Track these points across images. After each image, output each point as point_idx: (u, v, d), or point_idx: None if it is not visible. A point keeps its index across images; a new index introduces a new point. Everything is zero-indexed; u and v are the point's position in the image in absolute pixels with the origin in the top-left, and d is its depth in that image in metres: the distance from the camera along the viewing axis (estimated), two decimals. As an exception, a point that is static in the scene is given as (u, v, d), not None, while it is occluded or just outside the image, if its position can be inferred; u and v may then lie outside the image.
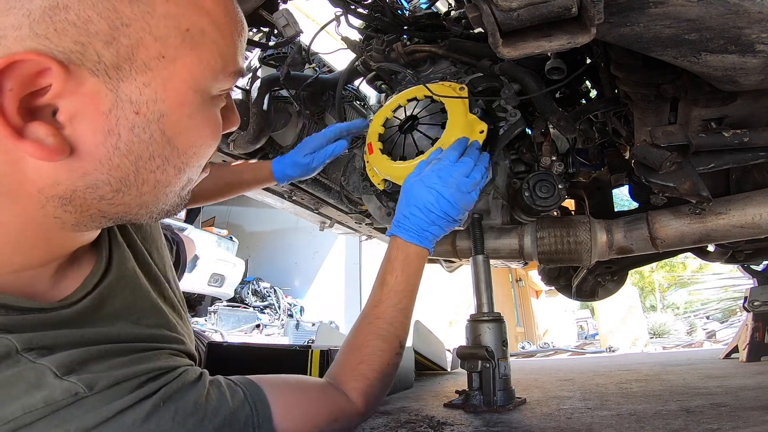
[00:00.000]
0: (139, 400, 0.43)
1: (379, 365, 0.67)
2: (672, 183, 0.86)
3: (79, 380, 0.40)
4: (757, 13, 0.53)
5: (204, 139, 0.47)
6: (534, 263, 1.24)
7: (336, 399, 0.62)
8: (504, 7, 0.52)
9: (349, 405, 0.63)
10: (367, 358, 0.67)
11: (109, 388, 0.42)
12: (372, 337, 0.69)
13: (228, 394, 0.51)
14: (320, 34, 1.37)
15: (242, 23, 0.48)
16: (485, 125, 1.04)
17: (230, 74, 0.47)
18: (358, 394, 0.64)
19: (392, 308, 0.72)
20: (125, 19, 0.38)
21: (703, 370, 1.75)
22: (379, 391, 0.67)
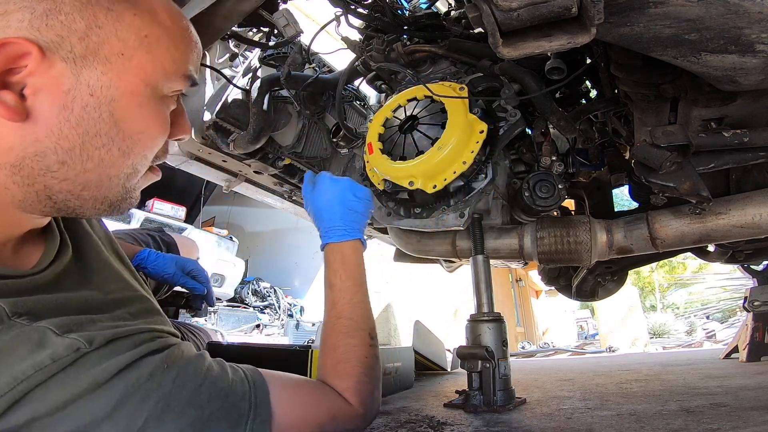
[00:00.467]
0: (141, 357, 0.47)
1: (357, 360, 0.69)
2: (672, 183, 0.86)
3: (80, 336, 0.45)
4: (757, 13, 0.53)
5: (150, 129, 0.53)
6: (534, 263, 1.24)
7: (333, 397, 0.64)
8: (504, 7, 0.52)
9: (346, 405, 0.64)
10: (342, 357, 0.69)
11: (107, 344, 0.46)
12: (340, 337, 0.71)
13: (229, 371, 0.54)
14: (320, 34, 1.37)
15: (196, 42, 0.57)
16: (485, 125, 1.04)
17: (181, 77, 0.55)
18: (350, 394, 0.65)
19: (348, 305, 0.74)
20: (99, 23, 0.48)
21: (703, 370, 1.75)
22: (368, 387, 0.68)
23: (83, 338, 0.45)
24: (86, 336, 0.45)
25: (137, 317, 0.56)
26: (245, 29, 1.47)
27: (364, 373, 0.68)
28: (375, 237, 2.12)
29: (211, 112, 1.37)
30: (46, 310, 0.46)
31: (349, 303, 0.75)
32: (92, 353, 0.45)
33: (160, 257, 1.06)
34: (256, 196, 1.74)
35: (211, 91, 1.41)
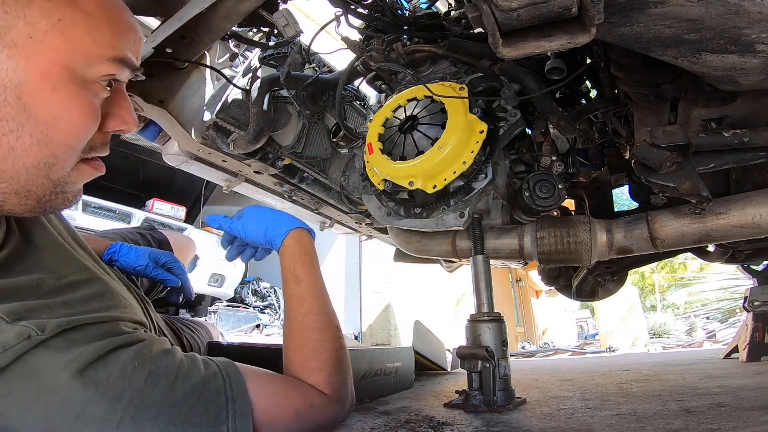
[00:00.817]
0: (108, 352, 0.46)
1: (328, 354, 0.69)
2: (672, 183, 0.86)
3: (30, 323, 0.43)
4: (757, 13, 0.53)
5: (68, 114, 0.50)
6: (534, 263, 1.24)
7: (306, 387, 0.64)
8: (504, 7, 0.52)
9: (320, 394, 0.64)
10: (313, 354, 0.68)
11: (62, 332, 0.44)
12: (311, 333, 0.70)
13: (201, 366, 0.53)
14: (320, 34, 1.37)
15: (131, 26, 0.55)
16: (485, 125, 1.04)
17: (108, 61, 0.52)
18: (323, 387, 0.65)
19: (317, 299, 0.74)
20: (7, 8, 0.47)
21: (703, 370, 1.75)
22: (340, 378, 0.68)
23: (34, 325, 0.43)
24: (38, 323, 0.43)
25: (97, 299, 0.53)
26: (245, 29, 1.47)
27: (335, 365, 0.68)
28: (375, 237, 2.12)
29: (211, 112, 1.37)
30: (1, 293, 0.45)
31: (317, 297, 0.75)
32: (48, 342, 0.43)
33: (132, 250, 1.02)
34: (256, 196, 1.74)
35: (211, 91, 1.41)
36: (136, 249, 1.04)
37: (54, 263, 0.56)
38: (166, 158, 1.43)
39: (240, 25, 1.26)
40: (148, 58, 1.04)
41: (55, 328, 0.44)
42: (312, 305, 0.73)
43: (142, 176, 5.47)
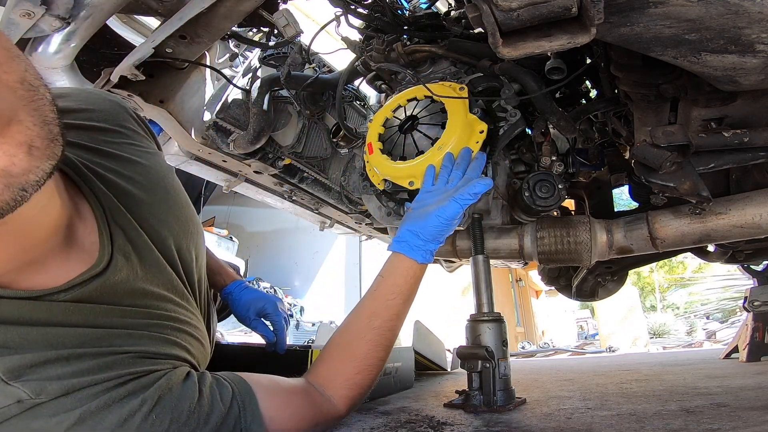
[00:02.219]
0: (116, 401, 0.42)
1: (375, 375, 0.68)
2: (672, 183, 0.86)
3: (23, 386, 0.39)
4: (757, 13, 0.53)
5: None
6: (534, 263, 1.24)
7: (320, 404, 0.62)
8: (504, 7, 0.52)
9: (333, 410, 0.63)
10: (366, 369, 0.67)
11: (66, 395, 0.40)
12: (378, 349, 0.68)
13: (218, 395, 0.51)
14: (320, 34, 1.37)
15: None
16: (485, 125, 1.04)
17: None
18: (346, 402, 0.64)
19: (399, 322, 0.73)
20: None
21: (703, 370, 1.75)
22: (363, 398, 0.68)
23: (28, 388, 0.39)
24: (34, 387, 0.39)
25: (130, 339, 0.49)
26: (245, 29, 1.47)
27: (370, 386, 0.67)
28: (375, 237, 2.12)
29: (211, 112, 1.37)
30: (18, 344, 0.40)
31: (399, 319, 0.73)
32: (44, 405, 0.40)
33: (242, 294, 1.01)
34: (256, 196, 1.74)
35: (211, 91, 1.41)
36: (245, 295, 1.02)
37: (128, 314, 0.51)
38: (167, 158, 1.43)
39: (240, 25, 1.26)
40: (148, 58, 1.04)
41: (57, 392, 0.40)
42: (395, 326, 0.72)
43: (142, 176, 5.45)
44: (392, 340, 0.71)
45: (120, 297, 0.52)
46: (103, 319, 0.49)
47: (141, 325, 0.53)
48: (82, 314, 0.47)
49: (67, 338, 0.44)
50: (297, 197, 1.72)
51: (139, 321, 0.53)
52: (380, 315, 0.72)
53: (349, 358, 0.67)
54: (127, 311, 0.52)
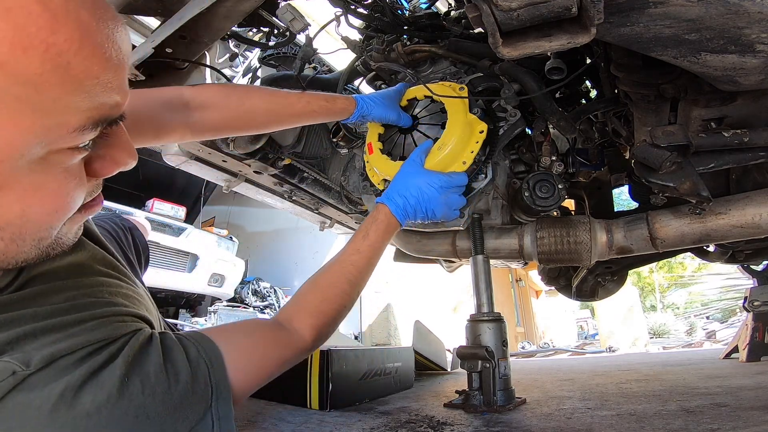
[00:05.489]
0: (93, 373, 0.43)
1: (339, 306, 0.72)
2: (672, 183, 0.86)
3: (12, 359, 0.40)
4: (757, 13, 0.53)
5: (37, 206, 0.40)
6: (534, 263, 1.24)
7: (287, 341, 0.65)
8: (504, 7, 0.52)
9: (300, 342, 0.65)
10: (332, 297, 0.71)
11: (50, 364, 0.41)
12: (342, 280, 0.74)
13: (182, 356, 0.51)
14: (320, 34, 1.37)
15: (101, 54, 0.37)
16: (485, 125, 1.04)
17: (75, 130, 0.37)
18: (312, 330, 0.67)
19: (366, 261, 0.79)
20: None
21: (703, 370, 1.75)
22: (330, 328, 0.71)
23: (18, 360, 0.40)
24: (21, 358, 0.40)
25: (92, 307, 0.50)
26: (245, 29, 1.47)
27: (335, 318, 0.71)
28: (375, 237, 2.12)
29: (211, 112, 1.37)
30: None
31: (367, 260, 0.79)
32: (34, 375, 0.40)
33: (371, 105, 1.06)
34: (256, 196, 1.74)
35: (211, 91, 1.41)
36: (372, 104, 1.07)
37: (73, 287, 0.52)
38: (166, 158, 1.43)
39: (240, 25, 1.26)
40: (148, 58, 1.04)
41: (41, 362, 0.41)
42: (359, 261, 0.78)
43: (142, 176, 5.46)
44: (357, 276, 0.76)
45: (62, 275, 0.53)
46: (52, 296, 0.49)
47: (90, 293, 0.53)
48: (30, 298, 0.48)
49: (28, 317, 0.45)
50: (297, 197, 1.72)
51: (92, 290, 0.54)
52: (343, 252, 0.80)
53: (314, 289, 0.73)
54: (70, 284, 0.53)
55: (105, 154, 0.45)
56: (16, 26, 0.32)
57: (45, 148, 0.37)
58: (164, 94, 0.79)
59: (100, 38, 0.36)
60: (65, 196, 0.42)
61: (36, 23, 0.32)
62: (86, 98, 0.37)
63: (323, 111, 0.99)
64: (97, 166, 0.44)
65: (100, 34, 0.36)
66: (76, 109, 0.37)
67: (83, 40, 0.35)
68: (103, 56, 0.37)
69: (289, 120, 0.96)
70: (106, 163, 0.45)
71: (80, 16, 0.35)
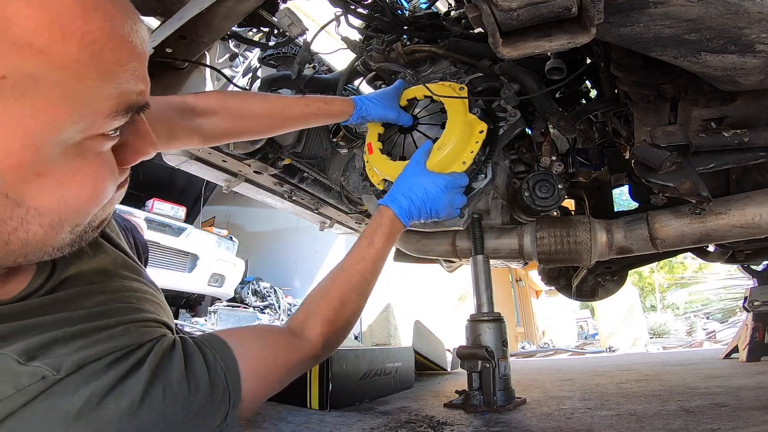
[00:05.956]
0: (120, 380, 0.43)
1: (348, 315, 0.72)
2: (672, 183, 0.86)
3: (44, 364, 0.40)
4: (757, 13, 0.53)
5: (74, 191, 0.41)
6: (534, 263, 1.24)
7: (297, 348, 0.65)
8: (504, 7, 0.52)
9: (310, 350, 0.66)
10: (339, 307, 0.72)
11: (79, 370, 0.42)
12: (350, 289, 0.75)
13: (201, 362, 0.51)
14: (320, 34, 1.37)
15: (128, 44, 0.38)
16: (485, 125, 1.04)
17: (108, 115, 0.39)
18: (321, 339, 0.67)
19: (372, 267, 0.79)
20: None
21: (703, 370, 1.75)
22: (339, 338, 0.71)
23: (49, 365, 0.40)
24: (52, 363, 0.40)
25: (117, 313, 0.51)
26: (245, 29, 1.47)
27: (344, 328, 0.72)
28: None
29: (211, 112, 1.37)
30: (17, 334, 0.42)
31: (373, 266, 0.80)
32: (64, 381, 0.40)
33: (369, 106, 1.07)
34: (256, 196, 1.74)
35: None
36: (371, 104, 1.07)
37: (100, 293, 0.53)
38: (166, 158, 1.44)
39: (240, 25, 1.26)
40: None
41: (72, 367, 0.41)
42: (365, 269, 0.78)
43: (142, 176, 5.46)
44: (363, 284, 0.77)
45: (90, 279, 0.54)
46: (83, 301, 0.50)
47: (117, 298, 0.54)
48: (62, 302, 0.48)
49: (60, 321, 0.46)
50: (297, 197, 1.72)
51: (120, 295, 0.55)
52: (349, 258, 0.80)
53: (323, 298, 0.73)
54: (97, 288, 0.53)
55: (129, 144, 0.46)
56: (53, 16, 0.33)
57: (81, 134, 0.39)
58: (172, 101, 0.81)
59: (126, 29, 0.38)
60: (102, 181, 0.43)
61: (70, 13, 0.34)
62: (116, 85, 0.39)
63: (321, 113, 1.00)
64: (123, 156, 0.46)
65: (125, 25, 0.38)
66: (108, 95, 0.38)
67: (113, 30, 0.37)
68: (130, 45, 0.39)
69: (288, 124, 0.97)
70: (130, 151, 0.46)
71: (107, 8, 0.37)
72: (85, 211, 0.44)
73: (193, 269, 4.77)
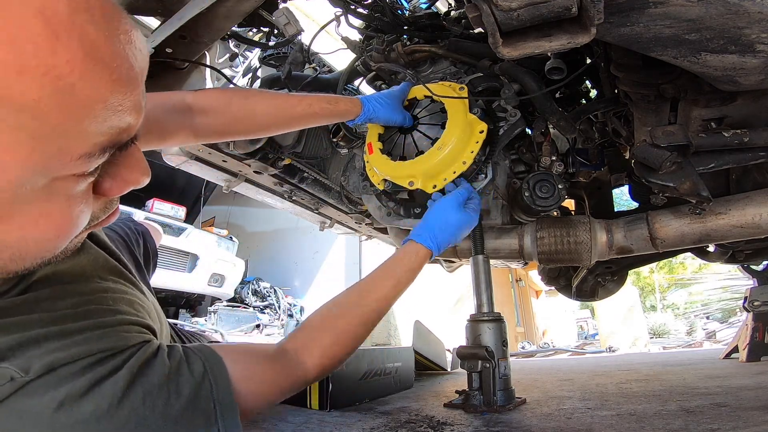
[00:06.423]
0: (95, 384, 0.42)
1: (351, 350, 0.69)
2: (672, 183, 0.86)
3: (12, 365, 0.40)
4: (757, 13, 0.53)
5: (35, 235, 0.38)
6: (534, 263, 1.24)
7: (291, 372, 0.63)
8: (504, 7, 0.52)
9: (302, 375, 0.64)
10: (343, 342, 0.68)
11: (48, 372, 0.41)
12: (359, 326, 0.71)
13: (187, 368, 0.50)
14: (320, 34, 1.37)
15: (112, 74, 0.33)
16: (485, 125, 1.04)
17: (81, 157, 0.35)
18: (317, 369, 0.65)
19: (387, 304, 0.76)
20: None
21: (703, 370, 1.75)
22: (334, 368, 0.69)
23: (17, 366, 0.40)
24: (20, 364, 0.40)
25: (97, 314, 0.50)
26: (245, 29, 1.47)
27: (342, 360, 0.69)
28: (375, 237, 2.12)
29: (211, 112, 1.37)
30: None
31: (388, 302, 0.76)
32: (34, 383, 0.40)
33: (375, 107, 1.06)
34: (256, 196, 1.74)
35: (211, 91, 1.41)
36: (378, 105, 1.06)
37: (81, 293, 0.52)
38: (166, 158, 1.43)
39: (240, 25, 1.26)
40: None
41: (41, 369, 0.40)
42: (381, 306, 0.74)
43: (142, 176, 5.45)
44: (375, 321, 0.73)
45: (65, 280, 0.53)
46: (56, 302, 0.49)
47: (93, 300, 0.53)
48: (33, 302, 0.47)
49: (32, 322, 0.45)
50: (297, 197, 1.72)
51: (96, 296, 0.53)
52: (368, 290, 0.75)
53: (330, 330, 0.69)
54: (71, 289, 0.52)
55: (115, 174, 0.42)
56: (12, 46, 0.28)
57: (47, 177, 0.35)
58: (168, 98, 0.79)
59: (109, 56, 0.33)
60: (68, 222, 0.39)
61: (34, 43, 0.29)
62: (93, 123, 0.34)
63: (326, 113, 0.98)
64: (107, 187, 0.42)
65: (108, 52, 0.33)
66: (81, 134, 0.34)
67: (88, 61, 0.32)
68: (111, 77, 0.33)
69: (291, 123, 0.95)
70: (116, 183, 0.42)
71: (86, 33, 0.31)
72: (51, 248, 0.41)
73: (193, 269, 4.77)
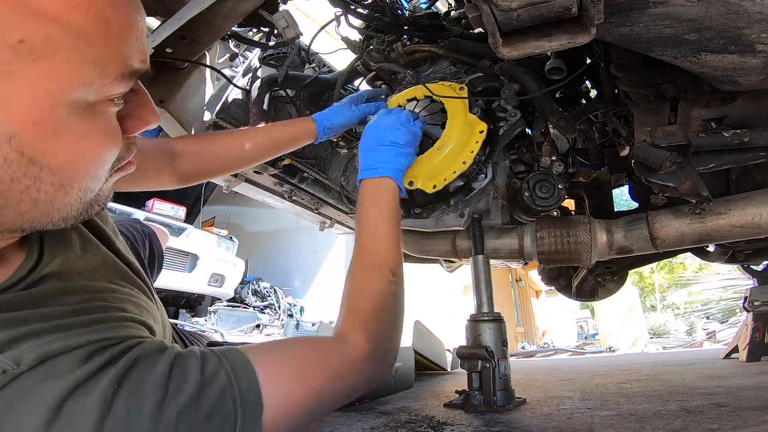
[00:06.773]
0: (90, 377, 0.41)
1: (370, 295, 0.64)
2: (672, 183, 0.86)
3: (5, 357, 0.40)
4: (757, 13, 0.53)
5: (85, 152, 0.43)
6: (534, 263, 1.24)
7: (335, 351, 0.58)
8: (504, 7, 0.52)
9: (351, 350, 0.58)
10: (355, 293, 0.65)
11: (40, 364, 0.40)
12: (357, 272, 0.68)
13: (196, 366, 0.47)
14: (320, 34, 1.37)
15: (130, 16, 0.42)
16: (485, 125, 1.04)
17: (115, 78, 0.42)
18: (357, 332, 0.60)
19: (370, 237, 0.71)
20: None
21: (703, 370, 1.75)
22: (378, 324, 0.62)
23: (9, 358, 0.40)
24: (12, 356, 0.40)
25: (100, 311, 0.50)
26: (245, 29, 1.47)
27: (375, 310, 0.62)
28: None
29: (211, 112, 1.37)
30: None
31: (371, 235, 0.71)
32: (27, 374, 0.40)
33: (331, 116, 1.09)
34: (256, 196, 1.74)
35: (211, 91, 1.41)
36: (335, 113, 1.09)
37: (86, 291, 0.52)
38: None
39: (240, 25, 1.26)
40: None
41: (33, 360, 0.40)
42: (365, 244, 0.70)
43: (142, 176, 5.45)
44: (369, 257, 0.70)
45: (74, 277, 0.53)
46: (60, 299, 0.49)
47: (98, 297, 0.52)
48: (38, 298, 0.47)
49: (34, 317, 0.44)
50: (297, 197, 1.72)
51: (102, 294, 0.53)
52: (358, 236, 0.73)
53: (343, 298, 0.66)
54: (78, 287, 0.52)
55: (133, 113, 0.49)
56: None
57: (92, 96, 0.42)
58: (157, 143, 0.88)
59: (127, 3, 0.43)
60: (109, 144, 0.46)
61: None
62: (122, 51, 0.42)
63: (286, 135, 1.02)
64: (128, 125, 0.49)
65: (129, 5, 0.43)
66: (114, 60, 0.42)
67: (116, 3, 0.41)
68: (132, 17, 0.43)
69: (258, 156, 1.00)
70: (135, 121, 0.49)
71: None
72: (94, 173, 0.46)
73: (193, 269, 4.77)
